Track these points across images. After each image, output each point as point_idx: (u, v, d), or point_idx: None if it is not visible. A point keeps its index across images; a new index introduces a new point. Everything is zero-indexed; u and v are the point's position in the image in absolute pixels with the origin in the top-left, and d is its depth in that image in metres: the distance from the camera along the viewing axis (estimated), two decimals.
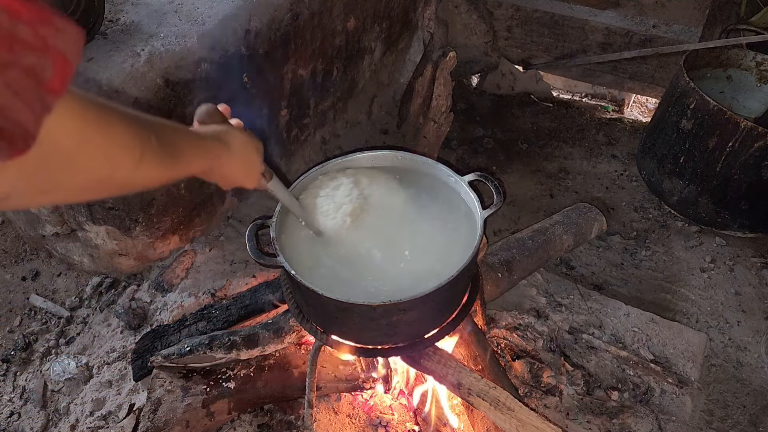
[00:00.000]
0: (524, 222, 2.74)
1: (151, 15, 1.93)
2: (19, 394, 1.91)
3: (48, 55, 0.49)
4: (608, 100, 3.91)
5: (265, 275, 2.04)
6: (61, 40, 0.51)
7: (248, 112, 2.23)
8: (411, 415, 1.69)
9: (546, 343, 1.92)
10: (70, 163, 0.59)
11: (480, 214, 1.30)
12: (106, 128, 0.62)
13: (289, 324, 1.59)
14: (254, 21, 2.06)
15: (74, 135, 0.58)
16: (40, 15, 0.49)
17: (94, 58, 1.71)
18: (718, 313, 2.33)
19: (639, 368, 1.87)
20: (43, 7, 0.50)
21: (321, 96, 2.69)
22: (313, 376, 1.50)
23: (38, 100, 0.49)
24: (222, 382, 1.60)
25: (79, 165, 0.60)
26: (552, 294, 2.11)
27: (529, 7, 3.51)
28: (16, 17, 0.46)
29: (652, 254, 2.60)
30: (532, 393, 1.78)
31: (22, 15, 0.47)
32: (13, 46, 0.46)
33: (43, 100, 0.49)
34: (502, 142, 3.36)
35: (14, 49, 0.46)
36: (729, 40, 2.71)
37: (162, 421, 1.52)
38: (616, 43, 3.35)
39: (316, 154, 2.83)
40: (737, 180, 2.41)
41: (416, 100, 2.79)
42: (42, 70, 0.49)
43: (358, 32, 2.75)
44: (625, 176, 3.08)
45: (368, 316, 1.18)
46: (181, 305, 2.00)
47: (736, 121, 2.30)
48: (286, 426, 1.68)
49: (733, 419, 1.97)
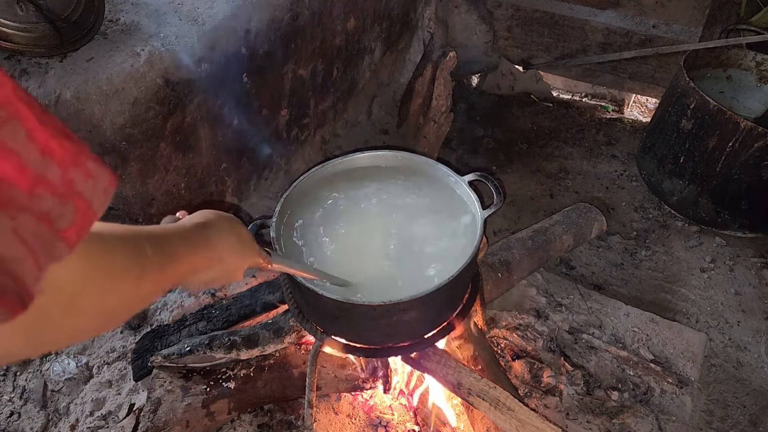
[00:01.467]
0: (524, 222, 2.74)
1: (151, 15, 1.93)
2: (19, 394, 1.91)
3: (71, 203, 0.45)
4: (608, 100, 3.90)
5: (265, 275, 2.04)
6: (90, 187, 0.47)
7: (248, 112, 2.23)
8: (411, 415, 1.69)
9: (546, 343, 1.92)
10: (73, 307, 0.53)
11: (480, 214, 1.30)
12: (108, 261, 0.58)
13: (289, 324, 1.59)
14: (254, 21, 2.06)
15: (79, 278, 0.52)
16: (74, 156, 0.46)
17: (94, 58, 1.71)
18: (718, 313, 2.33)
19: (639, 368, 1.87)
20: (80, 148, 0.47)
21: (321, 96, 2.69)
22: (313, 376, 1.50)
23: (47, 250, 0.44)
24: (222, 382, 1.60)
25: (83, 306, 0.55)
26: (552, 294, 2.11)
27: (529, 7, 3.51)
28: (48, 155, 0.43)
29: (652, 254, 2.60)
30: (532, 393, 1.78)
31: (56, 154, 0.44)
32: (36, 190, 0.42)
33: (53, 250, 0.44)
34: (502, 142, 3.36)
35: (36, 193, 0.42)
36: (729, 40, 2.71)
37: (162, 421, 1.52)
38: (616, 43, 3.35)
39: (316, 154, 2.83)
40: (737, 180, 2.41)
41: (416, 100, 2.79)
42: (59, 217, 0.44)
43: (358, 32, 2.75)
44: (625, 176, 3.08)
45: (368, 316, 1.18)
46: (181, 305, 2.00)
47: (736, 121, 2.30)
48: (286, 426, 1.68)
49: (733, 419, 1.97)
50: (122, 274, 0.60)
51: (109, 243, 0.58)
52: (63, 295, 0.51)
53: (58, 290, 0.49)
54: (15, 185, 0.41)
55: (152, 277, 0.67)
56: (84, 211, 0.47)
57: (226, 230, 0.91)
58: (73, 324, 0.55)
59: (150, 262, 0.66)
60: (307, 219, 1.39)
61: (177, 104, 1.89)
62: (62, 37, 1.63)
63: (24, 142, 0.41)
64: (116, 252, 0.59)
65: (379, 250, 1.33)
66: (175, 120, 1.91)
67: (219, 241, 0.88)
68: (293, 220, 1.39)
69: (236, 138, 2.22)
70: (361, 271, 1.28)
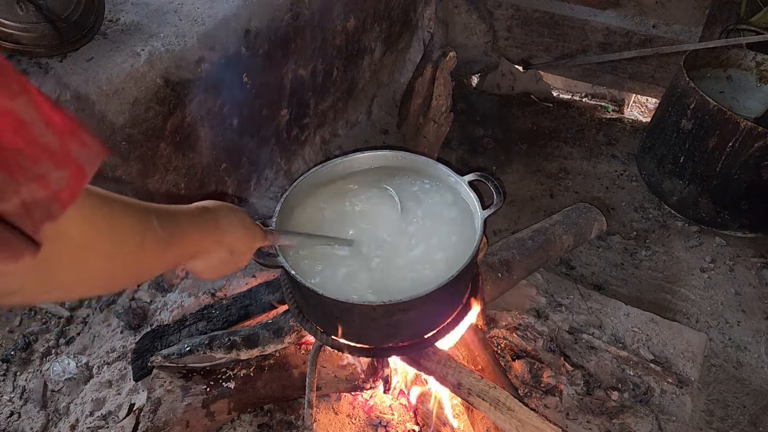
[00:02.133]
0: (524, 222, 2.74)
1: (151, 15, 1.93)
2: (19, 394, 1.91)
3: (66, 168, 0.51)
4: (608, 100, 3.91)
5: (265, 275, 2.04)
6: (84, 154, 0.54)
7: (248, 112, 2.23)
8: (411, 415, 1.69)
9: (546, 343, 1.92)
10: (80, 259, 0.60)
11: (480, 214, 1.30)
12: (114, 221, 0.65)
13: (289, 324, 1.59)
14: (254, 21, 2.06)
15: (85, 233, 0.60)
16: (71, 127, 0.52)
17: (94, 58, 1.71)
18: (718, 313, 2.33)
19: (639, 368, 1.87)
20: (76, 121, 0.53)
21: (321, 96, 2.69)
22: (313, 376, 1.50)
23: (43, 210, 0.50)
24: (222, 382, 1.60)
25: (88, 260, 0.62)
26: (552, 294, 2.11)
27: (529, 7, 3.51)
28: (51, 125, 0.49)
29: (652, 254, 2.60)
30: (532, 393, 1.78)
31: (56, 125, 0.50)
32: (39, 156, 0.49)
33: (50, 209, 0.51)
34: (502, 142, 3.36)
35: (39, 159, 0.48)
36: (729, 40, 2.71)
37: (162, 421, 1.52)
38: (616, 43, 3.35)
39: (316, 154, 2.83)
40: (737, 180, 2.41)
41: (416, 100, 2.79)
42: (56, 180, 0.50)
43: (358, 32, 2.75)
44: (625, 176, 3.08)
45: (368, 316, 1.18)
46: (181, 305, 2.00)
47: (736, 121, 2.30)
48: (286, 426, 1.68)
49: (733, 419, 1.97)
50: (125, 237, 0.67)
51: (116, 208, 0.66)
52: (70, 246, 0.58)
53: (65, 241, 0.56)
54: (23, 153, 0.47)
55: (156, 248, 0.73)
56: (76, 175, 0.53)
57: (231, 215, 0.96)
58: (78, 276, 0.62)
59: (154, 233, 0.72)
60: (307, 219, 1.39)
61: (177, 104, 1.89)
62: (62, 37, 1.63)
63: (33, 113, 0.48)
64: (121, 218, 0.67)
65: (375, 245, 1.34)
66: (175, 120, 1.91)
67: (226, 225, 0.94)
68: (293, 220, 1.39)
69: (236, 138, 2.22)
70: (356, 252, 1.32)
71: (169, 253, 0.78)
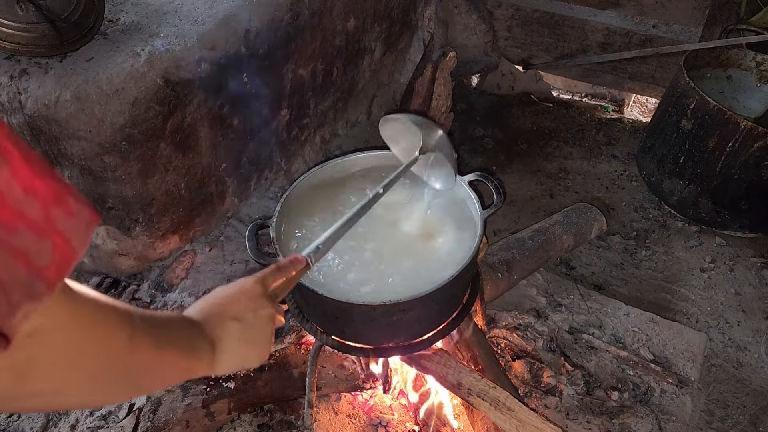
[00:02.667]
0: (524, 222, 2.74)
1: (151, 15, 1.93)
2: None
3: (48, 240, 0.45)
4: (608, 100, 3.91)
5: None
6: (71, 225, 0.47)
7: (248, 112, 2.23)
8: (411, 415, 1.69)
9: (546, 343, 1.92)
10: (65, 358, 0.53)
11: (480, 214, 1.30)
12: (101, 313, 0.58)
13: (289, 324, 1.59)
14: (254, 21, 2.06)
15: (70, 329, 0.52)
16: (56, 194, 0.46)
17: (94, 58, 1.71)
18: (718, 313, 2.33)
19: (639, 368, 1.87)
20: (63, 186, 0.47)
21: (321, 96, 2.69)
22: (313, 376, 1.50)
23: (22, 288, 0.43)
24: (222, 382, 1.60)
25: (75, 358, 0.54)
26: (552, 294, 2.11)
27: (529, 7, 3.51)
28: (31, 193, 0.44)
29: (652, 254, 2.60)
30: (532, 393, 1.78)
31: (39, 193, 0.44)
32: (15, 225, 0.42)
33: (30, 289, 0.44)
34: (502, 142, 3.36)
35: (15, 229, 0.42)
36: (729, 40, 2.71)
37: (162, 421, 1.52)
38: (616, 43, 3.35)
39: (316, 154, 2.83)
40: (737, 180, 2.41)
41: (416, 100, 2.79)
42: (37, 254, 0.44)
43: (358, 32, 2.75)
44: (625, 176, 3.08)
45: (368, 316, 1.18)
46: (181, 305, 2.00)
47: (736, 121, 2.30)
48: (286, 426, 1.68)
49: (733, 419, 1.97)
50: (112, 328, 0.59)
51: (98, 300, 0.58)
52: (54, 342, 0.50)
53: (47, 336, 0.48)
54: None
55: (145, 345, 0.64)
56: (63, 249, 0.47)
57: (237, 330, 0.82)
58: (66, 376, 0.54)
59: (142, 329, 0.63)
60: (307, 219, 1.39)
61: (177, 104, 1.89)
62: (62, 37, 1.62)
63: (8, 180, 0.42)
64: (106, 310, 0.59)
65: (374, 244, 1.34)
66: (175, 120, 1.91)
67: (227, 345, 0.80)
68: (294, 220, 1.39)
69: (236, 138, 2.22)
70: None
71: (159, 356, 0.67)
